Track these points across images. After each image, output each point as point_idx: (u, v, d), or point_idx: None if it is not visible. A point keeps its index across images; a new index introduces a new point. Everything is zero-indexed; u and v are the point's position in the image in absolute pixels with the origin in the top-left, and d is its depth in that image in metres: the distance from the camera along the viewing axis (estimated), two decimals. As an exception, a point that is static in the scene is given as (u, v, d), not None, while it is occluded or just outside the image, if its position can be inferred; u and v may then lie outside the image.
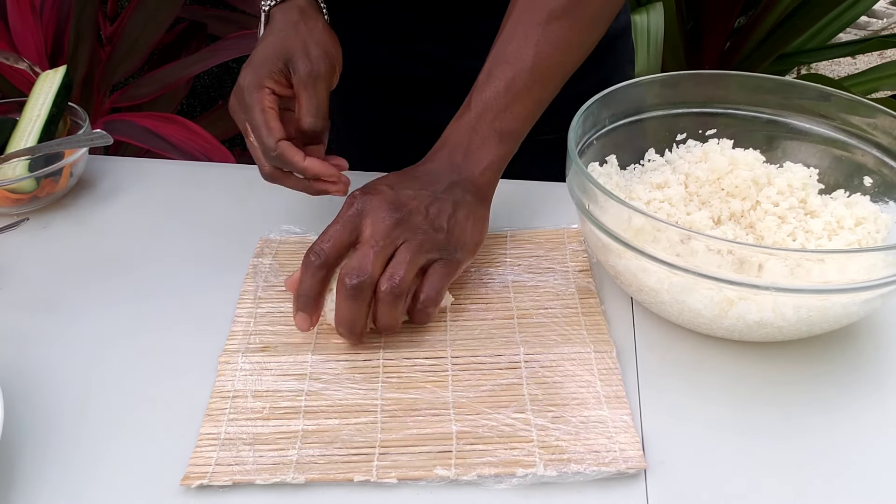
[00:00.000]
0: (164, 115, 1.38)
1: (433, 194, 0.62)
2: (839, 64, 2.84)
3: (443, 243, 0.60)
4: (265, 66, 0.66)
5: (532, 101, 0.65)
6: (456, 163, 0.64)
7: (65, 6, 1.43)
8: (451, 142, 0.65)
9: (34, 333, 0.63)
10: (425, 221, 0.60)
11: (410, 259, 0.58)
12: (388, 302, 0.57)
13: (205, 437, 0.53)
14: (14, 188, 0.75)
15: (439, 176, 0.64)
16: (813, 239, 0.61)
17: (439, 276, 0.60)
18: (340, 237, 0.58)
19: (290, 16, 0.70)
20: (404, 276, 0.57)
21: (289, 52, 0.67)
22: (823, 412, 0.55)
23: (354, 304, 0.56)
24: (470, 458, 0.51)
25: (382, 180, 0.63)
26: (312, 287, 0.58)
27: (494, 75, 0.65)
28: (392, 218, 0.59)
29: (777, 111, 0.69)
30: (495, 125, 0.64)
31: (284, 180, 0.68)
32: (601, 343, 0.60)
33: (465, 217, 0.62)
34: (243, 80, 0.66)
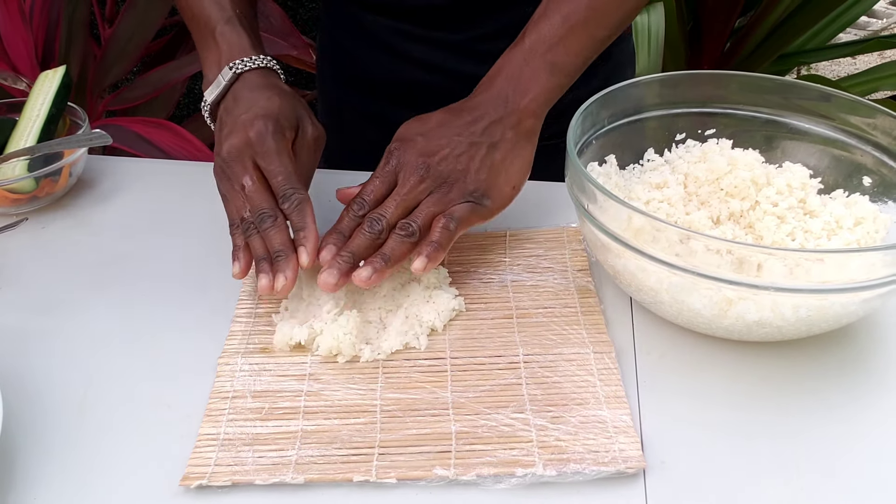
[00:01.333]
0: (155, 120, 1.38)
1: (469, 138, 0.64)
2: (839, 64, 2.84)
3: (471, 189, 0.63)
4: (283, 118, 0.65)
5: (587, 37, 0.66)
6: (505, 93, 0.65)
7: (54, 10, 1.43)
8: (503, 71, 0.66)
9: (34, 333, 0.63)
10: (454, 171, 0.63)
11: (427, 210, 0.62)
12: (396, 238, 0.61)
13: (204, 437, 0.53)
14: (13, 188, 0.75)
15: (485, 111, 0.65)
16: (812, 239, 0.61)
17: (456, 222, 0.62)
18: (379, 190, 0.63)
19: (272, 79, 0.69)
20: (419, 223, 0.61)
21: (297, 111, 0.67)
22: (823, 411, 0.55)
23: (366, 237, 0.61)
24: (469, 458, 0.51)
25: (424, 124, 0.66)
26: (349, 225, 0.62)
27: (550, 8, 0.66)
28: (418, 174, 0.63)
29: (776, 111, 0.69)
30: (547, 57, 0.65)
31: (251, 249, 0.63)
32: (600, 343, 0.60)
33: (501, 159, 0.64)
34: (259, 125, 0.63)
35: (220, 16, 0.70)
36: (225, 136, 0.65)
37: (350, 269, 0.60)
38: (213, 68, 0.69)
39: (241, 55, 0.68)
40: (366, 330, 0.61)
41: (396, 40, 0.85)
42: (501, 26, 0.80)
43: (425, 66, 0.85)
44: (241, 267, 0.62)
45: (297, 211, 0.62)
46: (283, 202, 0.62)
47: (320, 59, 0.98)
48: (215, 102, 0.69)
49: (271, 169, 0.63)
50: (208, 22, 0.70)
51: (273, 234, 0.61)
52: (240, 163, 0.64)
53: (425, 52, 0.84)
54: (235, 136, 0.64)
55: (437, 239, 0.61)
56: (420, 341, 0.60)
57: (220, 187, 0.65)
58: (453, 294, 0.64)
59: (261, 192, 0.63)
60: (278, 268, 0.60)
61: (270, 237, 0.61)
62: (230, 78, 0.67)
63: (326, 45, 0.95)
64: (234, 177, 0.64)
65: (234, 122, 0.65)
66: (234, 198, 0.64)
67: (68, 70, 0.83)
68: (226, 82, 0.67)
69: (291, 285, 0.60)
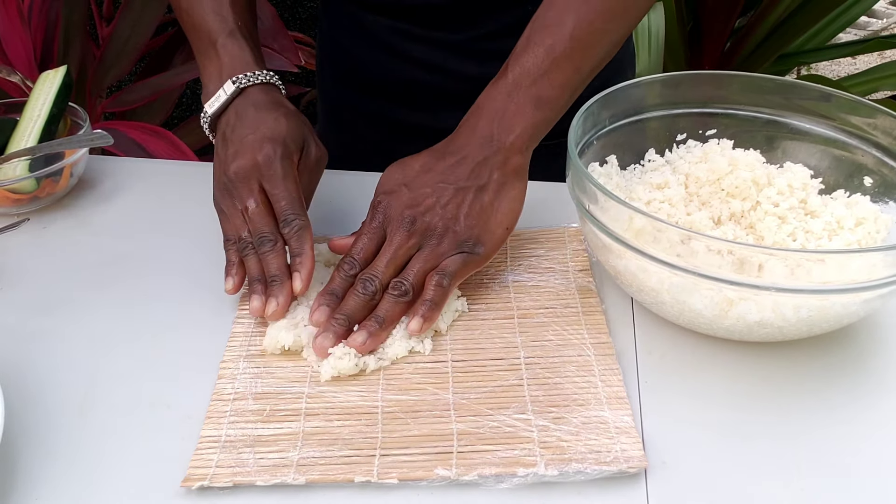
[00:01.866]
0: (153, 127, 1.38)
1: (455, 184, 0.63)
2: (839, 64, 2.84)
3: (462, 239, 0.62)
4: (291, 141, 0.65)
5: (572, 69, 0.64)
6: (489, 131, 0.64)
7: (53, 11, 1.42)
8: (486, 108, 0.65)
9: (34, 333, 0.63)
10: (442, 221, 0.62)
11: (419, 267, 0.61)
12: (390, 299, 0.60)
13: (205, 439, 0.53)
14: (14, 188, 0.75)
15: (469, 152, 0.64)
16: (813, 239, 0.61)
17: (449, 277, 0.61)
18: (368, 248, 0.63)
19: (276, 96, 0.69)
20: (412, 281, 0.61)
21: (303, 133, 0.67)
22: (824, 412, 0.55)
23: (360, 298, 0.60)
24: (471, 459, 0.51)
25: (406, 172, 0.65)
26: (342, 286, 0.62)
27: (533, 41, 0.64)
28: (405, 229, 0.62)
29: (777, 111, 0.69)
30: (532, 91, 0.63)
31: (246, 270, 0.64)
32: (602, 344, 0.60)
33: (490, 202, 0.63)
34: (268, 149, 0.64)
35: (223, 27, 0.69)
36: (231, 156, 0.65)
37: (345, 332, 0.59)
38: (213, 80, 0.69)
39: (244, 69, 0.68)
40: None
41: (396, 40, 0.85)
42: (502, 26, 0.80)
43: (425, 65, 0.85)
44: (235, 284, 0.63)
45: (297, 237, 0.62)
46: (283, 226, 0.63)
47: (319, 59, 0.98)
48: (216, 115, 0.69)
49: (276, 193, 0.63)
50: (210, 33, 0.70)
51: (271, 258, 0.62)
52: (246, 184, 0.64)
53: (425, 51, 0.84)
54: (243, 157, 0.64)
55: (432, 297, 0.60)
56: (425, 345, 0.60)
57: (221, 203, 0.65)
58: (456, 295, 0.64)
59: (263, 215, 0.63)
60: (272, 292, 0.61)
61: (268, 261, 0.62)
62: (233, 92, 0.67)
63: (325, 44, 0.95)
64: (238, 197, 0.64)
65: (241, 141, 0.65)
66: (234, 216, 0.64)
67: (69, 70, 0.83)
68: (228, 96, 0.67)
69: (283, 311, 0.61)
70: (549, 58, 0.63)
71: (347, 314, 0.59)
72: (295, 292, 0.61)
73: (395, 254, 0.61)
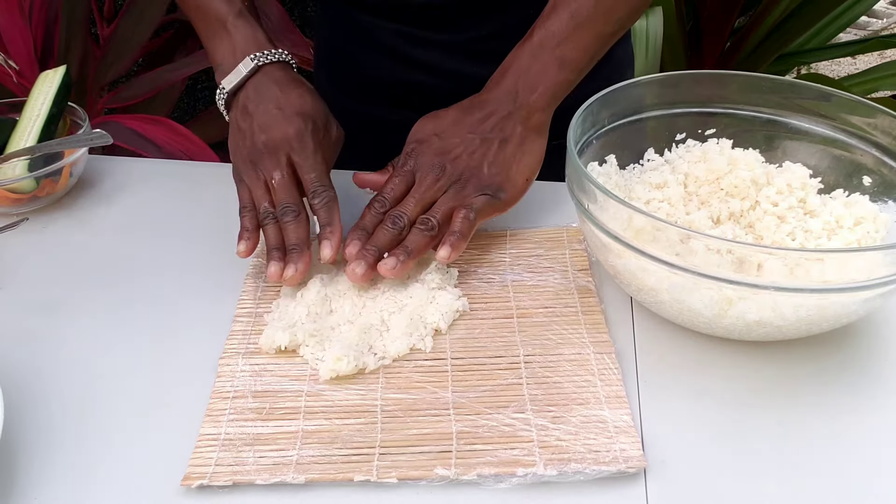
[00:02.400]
0: (153, 117, 1.38)
1: (482, 135, 0.67)
2: (839, 64, 2.84)
3: (486, 184, 0.66)
4: (318, 118, 0.69)
5: (594, 33, 0.68)
6: (514, 88, 0.68)
7: (53, 7, 1.42)
8: (513, 67, 0.68)
9: (34, 333, 0.63)
10: (468, 168, 0.67)
11: (445, 206, 0.66)
12: (417, 232, 0.65)
13: (205, 437, 0.53)
14: (14, 188, 0.75)
15: (495, 108, 0.68)
16: (812, 238, 0.61)
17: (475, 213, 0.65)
18: (398, 189, 0.67)
19: (293, 75, 0.72)
20: (438, 218, 0.65)
21: (326, 111, 0.71)
22: (823, 411, 0.55)
23: (389, 232, 0.64)
24: (470, 458, 0.51)
25: (438, 123, 0.69)
26: (372, 222, 0.66)
27: (558, 5, 0.67)
28: (435, 173, 0.66)
29: (776, 111, 0.69)
30: (556, 52, 0.67)
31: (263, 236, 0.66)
32: (601, 343, 0.60)
33: (513, 153, 0.67)
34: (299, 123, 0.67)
35: (230, 9, 0.72)
36: (259, 128, 0.67)
37: (375, 261, 0.63)
38: (227, 58, 0.71)
39: (258, 48, 0.71)
40: (368, 335, 0.60)
41: (396, 42, 0.85)
42: (502, 27, 0.80)
43: (426, 67, 0.85)
44: (248, 247, 0.65)
45: (326, 207, 0.65)
46: (313, 198, 0.66)
47: (316, 62, 0.98)
48: (233, 91, 0.71)
49: (306, 166, 0.66)
50: (218, 13, 0.72)
51: (293, 227, 0.65)
52: (274, 156, 0.66)
53: (426, 53, 0.84)
54: (275, 129, 0.67)
55: (459, 229, 0.64)
56: (425, 343, 0.60)
57: (243, 173, 0.68)
58: (457, 295, 0.64)
59: (290, 186, 0.66)
60: (291, 259, 0.63)
61: (290, 230, 0.65)
62: (251, 69, 0.70)
63: (323, 47, 0.95)
64: (264, 168, 0.67)
65: (268, 114, 0.68)
66: (256, 186, 0.67)
67: (68, 70, 0.83)
68: (246, 72, 0.70)
69: (300, 277, 0.63)
70: (574, 22, 0.67)
71: (378, 245, 0.63)
72: (324, 259, 0.64)
73: (423, 195, 0.66)
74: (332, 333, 0.61)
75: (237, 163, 0.69)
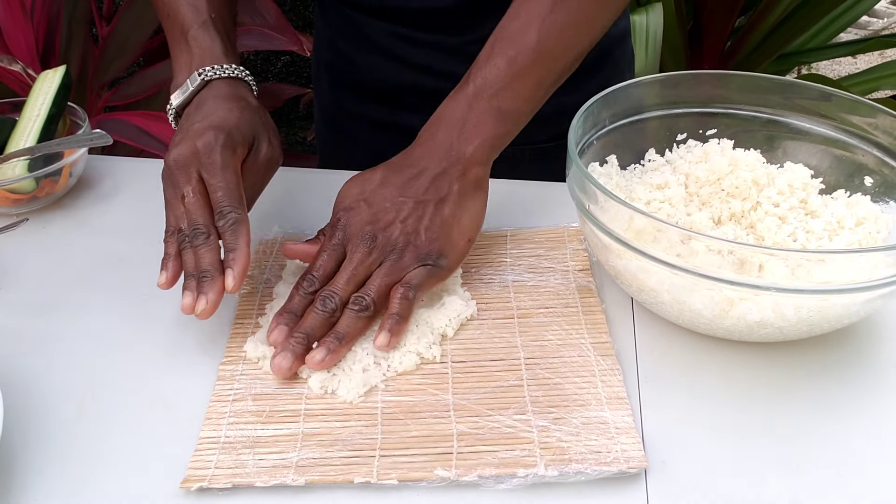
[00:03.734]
0: (156, 113, 1.38)
1: (414, 197, 0.62)
2: (840, 63, 2.84)
3: (424, 252, 0.61)
4: (237, 132, 0.62)
5: (534, 81, 0.63)
6: (448, 142, 0.63)
7: (55, 5, 1.43)
8: (446, 119, 0.64)
9: (34, 334, 0.63)
10: (403, 235, 0.61)
11: (380, 282, 0.60)
12: (350, 314, 0.59)
13: (204, 440, 0.53)
14: (14, 188, 0.75)
15: (427, 164, 0.63)
16: (814, 239, 0.61)
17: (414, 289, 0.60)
18: (328, 265, 0.61)
19: (240, 91, 0.66)
20: (373, 296, 0.59)
21: (255, 129, 0.64)
22: (824, 412, 0.55)
23: (319, 315, 0.59)
24: (470, 459, 0.51)
25: (364, 187, 0.63)
26: (300, 304, 0.60)
27: (496, 52, 0.63)
28: (366, 245, 0.61)
29: (777, 111, 0.69)
30: (493, 102, 0.63)
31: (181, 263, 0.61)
32: (601, 344, 0.60)
33: (451, 213, 0.62)
34: (209, 137, 0.61)
35: (195, 18, 0.68)
36: (174, 143, 0.62)
37: (304, 351, 0.57)
38: (183, 71, 0.67)
39: (213, 61, 0.66)
40: (370, 342, 0.59)
41: (394, 43, 0.85)
42: None
43: (423, 69, 0.85)
44: (168, 277, 0.60)
45: (232, 231, 0.59)
46: (218, 219, 0.60)
47: (315, 64, 0.98)
48: (180, 107, 0.67)
49: (213, 183, 0.60)
50: (182, 24, 0.68)
51: (203, 252, 0.59)
52: (184, 172, 0.61)
53: (423, 55, 0.84)
54: (184, 144, 0.61)
55: (398, 311, 0.59)
56: (433, 351, 0.59)
57: (165, 193, 0.63)
58: (466, 299, 0.63)
59: (199, 206, 0.60)
60: (202, 289, 0.58)
61: (200, 255, 0.59)
62: (198, 84, 0.65)
63: (322, 48, 0.94)
64: (176, 186, 0.61)
65: (187, 130, 0.62)
66: (175, 206, 0.61)
67: (68, 70, 0.83)
68: (193, 88, 0.65)
69: (213, 309, 0.57)
70: (512, 70, 0.62)
71: (306, 332, 0.58)
72: (227, 290, 0.58)
73: (355, 270, 0.60)
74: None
75: (162, 181, 0.63)
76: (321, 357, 0.57)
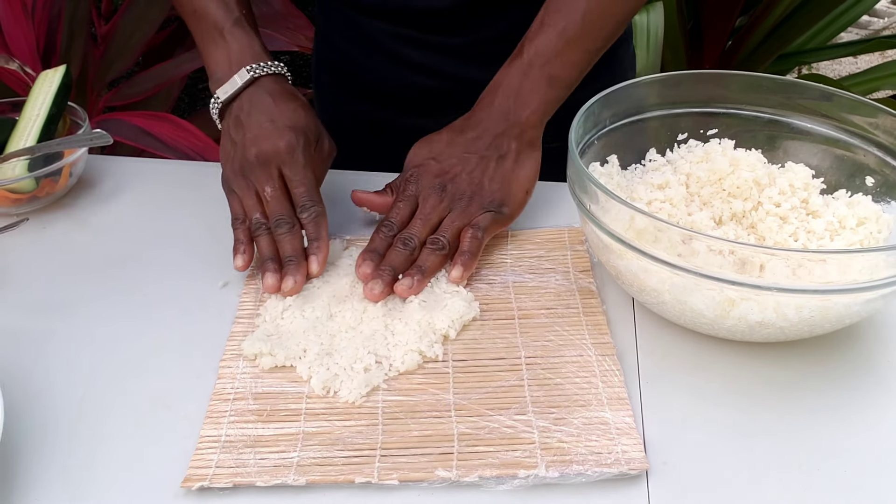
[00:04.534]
0: (157, 113, 1.38)
1: (479, 154, 0.69)
2: (840, 63, 2.84)
3: (489, 200, 0.68)
4: (310, 133, 0.69)
5: (582, 50, 0.69)
6: (505, 107, 0.69)
7: (56, 5, 1.42)
8: (503, 86, 0.70)
9: (34, 333, 0.63)
10: (469, 186, 0.68)
11: (454, 225, 0.67)
12: (429, 252, 0.66)
13: (205, 439, 0.53)
14: (14, 188, 0.75)
15: (487, 127, 0.69)
16: (815, 239, 0.60)
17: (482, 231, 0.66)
18: (404, 212, 0.68)
19: (287, 87, 0.72)
20: (448, 237, 0.66)
21: (319, 127, 0.71)
22: (825, 412, 0.55)
23: (402, 253, 0.65)
24: (471, 460, 0.51)
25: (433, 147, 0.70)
26: (382, 244, 0.66)
27: (546, 24, 0.69)
28: (437, 194, 0.68)
29: (778, 111, 0.69)
30: (545, 70, 0.68)
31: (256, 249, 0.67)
32: (602, 344, 0.60)
33: (511, 168, 0.69)
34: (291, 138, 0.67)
35: (228, 16, 0.72)
36: (252, 140, 0.68)
37: (392, 281, 0.63)
38: (222, 67, 0.71)
39: (255, 58, 0.71)
40: (372, 342, 0.59)
41: (395, 44, 0.85)
42: (501, 30, 0.80)
43: (424, 69, 0.85)
44: (246, 260, 0.66)
45: (315, 223, 0.66)
46: (301, 212, 0.66)
47: (316, 64, 0.98)
48: (227, 102, 0.71)
49: (296, 179, 0.67)
50: (216, 21, 0.72)
51: (288, 239, 0.65)
52: (266, 169, 0.67)
53: (424, 56, 0.84)
54: (266, 142, 0.67)
55: (469, 248, 0.65)
56: (434, 349, 0.59)
57: (234, 184, 0.68)
58: (469, 300, 0.63)
59: (282, 199, 0.66)
60: (288, 271, 0.64)
61: (284, 242, 0.65)
62: (247, 80, 0.70)
63: (323, 49, 0.94)
64: (256, 180, 0.67)
65: (261, 127, 0.68)
66: (247, 197, 0.67)
67: (68, 69, 0.83)
68: (242, 84, 0.70)
69: (299, 288, 0.64)
70: (562, 39, 0.68)
71: (393, 266, 0.64)
72: (311, 274, 0.65)
73: (429, 215, 0.67)
74: (334, 342, 0.60)
75: (228, 174, 0.69)
76: (408, 285, 0.63)
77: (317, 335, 0.60)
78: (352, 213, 0.74)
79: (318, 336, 0.60)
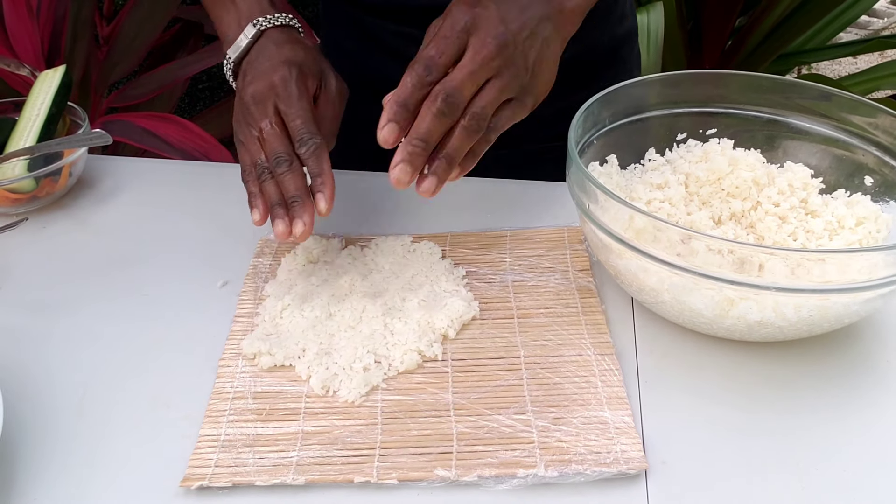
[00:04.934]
0: (162, 114, 1.38)
1: (532, 24, 0.59)
2: (840, 63, 2.84)
3: (523, 85, 0.59)
4: (307, 67, 0.64)
5: None
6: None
7: (61, 6, 1.42)
8: None
9: (34, 333, 0.63)
10: (521, 58, 0.58)
11: (495, 96, 0.57)
12: (467, 128, 0.57)
13: (204, 438, 0.53)
14: (13, 188, 0.75)
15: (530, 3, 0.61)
16: (814, 239, 0.61)
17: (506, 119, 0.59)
18: (450, 53, 0.57)
19: (294, 35, 0.69)
20: (489, 111, 0.57)
21: (321, 64, 0.67)
22: (824, 412, 0.55)
23: (439, 121, 0.56)
24: (470, 459, 0.51)
25: None
26: (415, 96, 0.57)
27: None
28: (496, 44, 0.57)
29: (777, 111, 0.69)
30: None
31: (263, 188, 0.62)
32: (602, 344, 0.60)
33: (547, 56, 0.61)
34: (284, 71, 0.63)
35: None
36: (248, 83, 0.64)
37: (423, 162, 0.56)
38: (232, 27, 0.69)
39: (262, 13, 0.68)
40: (371, 342, 0.60)
41: (400, 44, 0.84)
42: None
43: None
44: (261, 213, 0.61)
45: (314, 156, 0.60)
46: (299, 146, 0.60)
47: None
48: (238, 60, 0.68)
49: (290, 112, 0.61)
50: None
51: (288, 178, 0.60)
52: (261, 106, 0.62)
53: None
54: (259, 81, 0.63)
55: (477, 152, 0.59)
56: (434, 349, 0.59)
57: (238, 133, 0.64)
58: (468, 300, 0.63)
59: (278, 135, 0.61)
60: (295, 213, 0.59)
61: (286, 182, 0.60)
62: (254, 35, 0.67)
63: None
64: (252, 121, 0.63)
65: (257, 70, 0.64)
66: (250, 143, 0.62)
67: (68, 69, 0.83)
68: (249, 39, 0.67)
69: (309, 231, 0.58)
70: None
71: (425, 139, 0.56)
72: (319, 212, 0.59)
73: (480, 69, 0.56)
74: (333, 341, 0.60)
75: (235, 124, 0.65)
76: (433, 187, 0.56)
77: (316, 334, 0.60)
78: (352, 212, 0.74)
79: (317, 335, 0.60)
